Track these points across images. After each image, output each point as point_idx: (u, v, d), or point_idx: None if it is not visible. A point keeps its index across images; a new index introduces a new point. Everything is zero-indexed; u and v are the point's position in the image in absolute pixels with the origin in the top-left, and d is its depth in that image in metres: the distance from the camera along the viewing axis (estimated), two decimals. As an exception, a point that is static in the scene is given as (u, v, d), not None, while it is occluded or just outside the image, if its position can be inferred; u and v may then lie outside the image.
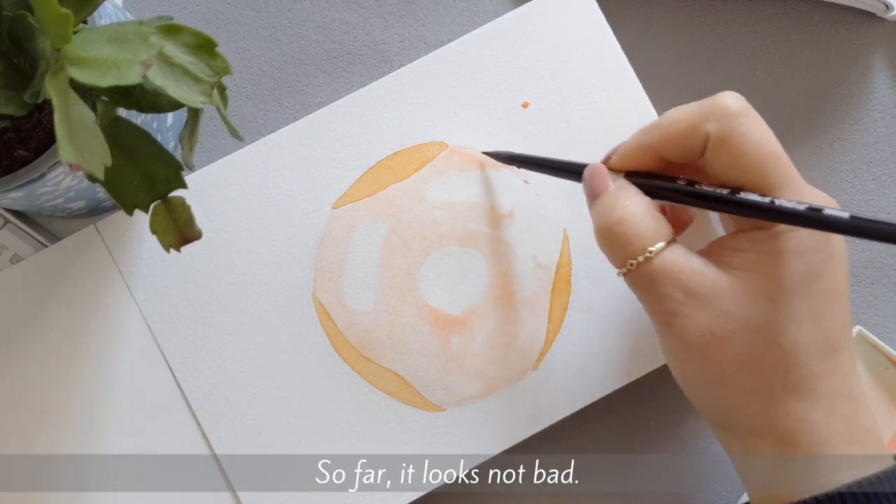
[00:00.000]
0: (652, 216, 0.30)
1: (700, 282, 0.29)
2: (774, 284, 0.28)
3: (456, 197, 0.38)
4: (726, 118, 0.29)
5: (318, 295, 0.38)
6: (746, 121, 0.29)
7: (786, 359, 0.28)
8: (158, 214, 0.30)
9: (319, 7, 0.41)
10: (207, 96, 0.27)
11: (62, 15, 0.24)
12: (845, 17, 0.41)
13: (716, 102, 0.29)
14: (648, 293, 0.30)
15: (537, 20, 0.39)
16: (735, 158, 0.29)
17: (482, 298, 0.37)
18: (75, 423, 0.37)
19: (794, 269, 0.28)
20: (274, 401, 0.37)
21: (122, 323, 0.37)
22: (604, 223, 0.30)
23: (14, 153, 0.31)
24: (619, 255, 0.30)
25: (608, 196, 0.31)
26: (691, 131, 0.30)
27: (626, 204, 0.30)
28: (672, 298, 0.29)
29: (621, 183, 0.31)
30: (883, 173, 0.41)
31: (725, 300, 0.28)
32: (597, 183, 0.31)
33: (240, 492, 0.36)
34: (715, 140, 0.29)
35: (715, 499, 0.38)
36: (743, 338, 0.28)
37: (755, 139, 0.29)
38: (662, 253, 0.29)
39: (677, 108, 0.31)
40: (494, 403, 0.37)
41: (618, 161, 0.32)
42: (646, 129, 0.31)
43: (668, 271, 0.29)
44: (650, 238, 0.29)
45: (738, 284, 0.29)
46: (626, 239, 0.30)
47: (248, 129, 0.41)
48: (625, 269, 0.30)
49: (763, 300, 0.28)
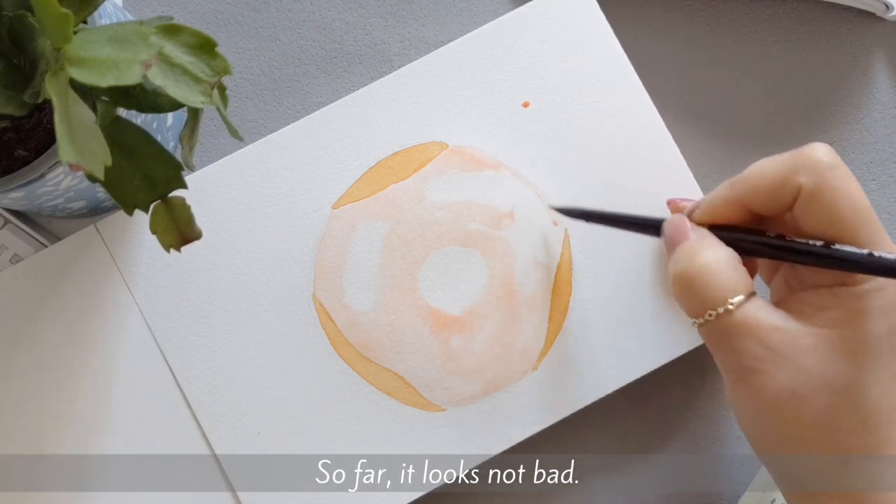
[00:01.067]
0: (734, 267, 0.29)
1: (781, 338, 0.28)
2: (859, 344, 0.28)
3: (456, 197, 0.38)
4: (818, 170, 0.28)
5: (318, 295, 0.38)
6: (839, 173, 0.28)
7: (866, 421, 0.28)
8: (158, 214, 0.30)
9: (319, 7, 0.41)
10: (207, 96, 0.27)
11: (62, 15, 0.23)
12: (845, 17, 0.41)
13: (806, 154, 0.29)
14: (726, 347, 0.29)
15: (537, 20, 0.39)
16: (828, 212, 0.28)
17: (482, 298, 0.37)
18: (75, 423, 0.37)
19: (880, 330, 0.28)
20: (274, 401, 0.37)
21: (122, 323, 0.37)
22: (683, 270, 0.29)
23: (14, 153, 0.31)
24: (698, 304, 0.29)
25: (689, 243, 0.30)
26: (782, 184, 0.29)
27: (708, 253, 0.29)
28: (751, 354, 0.28)
29: (702, 232, 0.30)
30: (883, 173, 0.41)
31: (807, 358, 0.28)
32: (678, 233, 0.30)
33: (240, 492, 0.36)
34: (807, 193, 0.28)
35: (715, 498, 0.38)
36: (823, 398, 0.28)
37: (849, 192, 0.28)
38: (743, 305, 0.28)
39: (765, 160, 0.30)
40: (494, 403, 0.37)
41: (703, 214, 0.31)
42: (732, 181, 0.30)
43: (749, 325, 0.28)
44: (732, 289, 0.28)
45: (821, 342, 0.28)
46: (706, 288, 0.29)
47: (248, 129, 0.41)
48: (702, 319, 0.29)
49: (846, 360, 0.28)
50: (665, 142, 0.38)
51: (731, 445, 0.38)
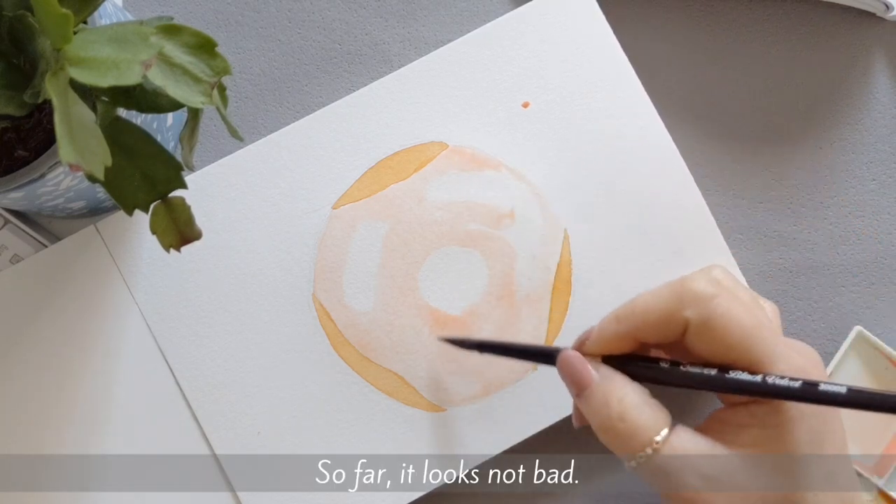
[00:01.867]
0: (648, 404, 0.30)
1: (713, 464, 0.29)
2: (787, 456, 0.28)
3: (456, 197, 0.38)
4: (703, 303, 0.29)
5: (318, 295, 0.38)
6: (723, 301, 0.29)
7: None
8: (158, 214, 0.30)
9: (319, 7, 0.41)
10: (207, 96, 0.27)
11: (62, 15, 0.23)
12: (845, 17, 0.41)
13: (687, 287, 0.29)
14: (662, 483, 0.29)
15: (537, 20, 0.39)
16: (719, 340, 0.29)
17: (482, 298, 0.37)
18: (75, 423, 0.37)
19: (802, 438, 0.28)
20: (274, 401, 0.37)
21: (122, 323, 0.37)
22: (604, 421, 0.30)
23: (14, 153, 0.31)
24: (627, 449, 0.29)
25: (598, 390, 0.30)
26: (668, 319, 0.29)
27: (620, 397, 0.30)
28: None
29: (605, 372, 0.30)
30: (883, 173, 0.41)
31: (741, 479, 0.28)
32: (578, 373, 0.31)
33: (240, 492, 0.36)
34: (695, 326, 0.29)
35: (715, 499, 0.38)
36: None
37: (734, 317, 0.29)
38: (669, 440, 0.29)
39: (648, 293, 0.30)
40: (494, 403, 0.37)
41: (593, 346, 0.31)
42: (620, 315, 0.31)
43: (679, 459, 0.29)
44: (653, 428, 0.29)
45: (751, 461, 0.28)
46: (630, 434, 0.29)
47: (248, 129, 0.41)
48: (635, 462, 0.29)
49: (778, 473, 0.28)
50: (664, 142, 0.38)
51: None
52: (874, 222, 0.40)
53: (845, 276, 0.40)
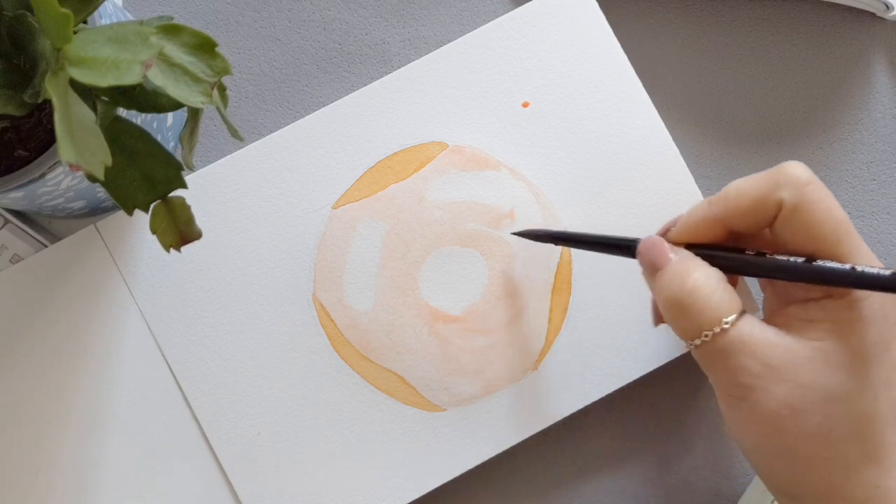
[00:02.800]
0: (723, 287, 0.29)
1: (777, 354, 0.28)
2: (851, 354, 0.28)
3: (456, 197, 0.38)
4: (798, 186, 0.29)
5: (318, 295, 0.38)
6: (817, 188, 0.29)
7: (863, 428, 0.28)
8: (158, 214, 0.30)
9: (319, 7, 0.41)
10: (207, 96, 0.27)
11: (62, 15, 0.23)
12: (845, 17, 0.41)
13: (785, 171, 0.29)
14: (720, 366, 0.29)
15: (537, 20, 0.39)
16: (808, 226, 0.28)
17: (482, 298, 0.37)
18: (75, 423, 0.37)
19: (870, 338, 0.28)
20: (274, 401, 0.37)
21: (122, 323, 0.37)
22: (674, 294, 0.29)
23: (14, 153, 0.31)
24: (692, 326, 0.29)
25: (675, 266, 0.30)
26: (762, 201, 0.29)
27: (697, 275, 0.29)
28: (748, 371, 0.28)
29: (685, 253, 0.30)
30: (883, 173, 0.41)
31: (803, 371, 0.28)
32: (656, 255, 0.30)
33: (240, 492, 0.36)
34: (789, 208, 0.29)
35: (715, 498, 0.38)
36: (821, 409, 0.28)
37: (827, 206, 0.28)
38: (737, 324, 0.29)
39: (742, 179, 0.30)
40: (494, 403, 0.37)
41: (680, 234, 0.31)
42: (711, 200, 0.30)
43: (744, 343, 0.28)
44: (725, 309, 0.29)
45: (815, 355, 0.28)
46: (700, 310, 0.29)
47: (248, 129, 0.41)
48: (699, 340, 0.29)
49: (841, 370, 0.28)
50: (664, 142, 0.38)
51: (731, 445, 0.38)
52: (874, 222, 0.40)
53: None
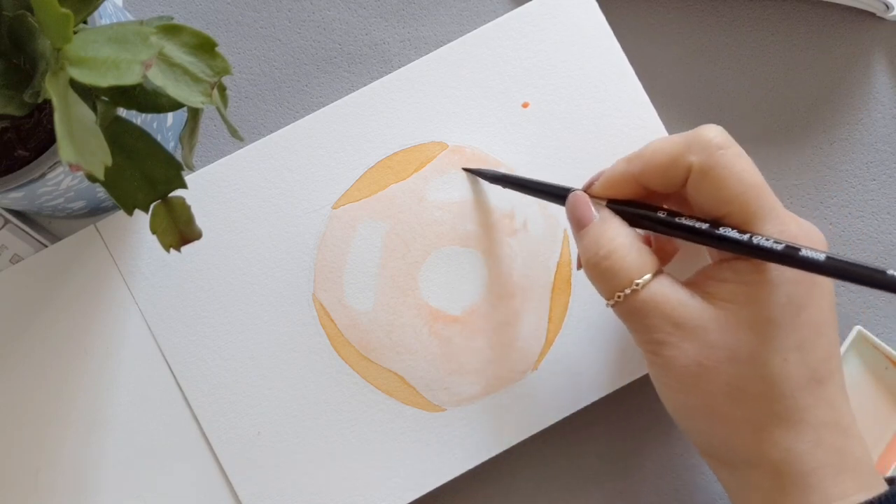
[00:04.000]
0: (637, 249, 0.30)
1: (686, 313, 0.29)
2: (759, 315, 0.29)
3: (456, 197, 0.38)
4: (708, 150, 0.29)
5: (318, 295, 0.38)
6: (728, 153, 0.29)
7: (771, 389, 0.29)
8: (158, 214, 0.30)
9: (319, 7, 0.41)
10: (207, 96, 0.27)
11: (62, 15, 0.23)
12: (845, 17, 0.41)
13: (698, 134, 0.30)
14: (636, 324, 0.30)
15: (537, 20, 0.39)
16: (716, 190, 0.29)
17: (482, 298, 0.37)
18: (75, 423, 0.37)
19: (778, 300, 0.29)
20: (274, 401, 0.37)
21: (122, 323, 0.37)
22: (591, 258, 0.31)
23: (14, 153, 0.31)
24: (608, 287, 0.31)
25: (593, 228, 0.31)
26: (674, 162, 0.30)
27: (612, 237, 0.31)
28: (659, 329, 0.30)
29: (605, 214, 0.31)
30: (883, 173, 0.41)
31: (711, 331, 0.29)
32: (581, 212, 0.32)
33: (240, 492, 0.36)
34: (697, 171, 0.29)
35: (716, 497, 0.38)
36: (729, 368, 0.29)
37: (737, 171, 0.29)
38: (649, 285, 0.30)
39: (660, 138, 0.31)
40: (494, 403, 0.37)
41: (600, 188, 0.32)
42: (628, 157, 0.32)
43: (655, 303, 0.30)
44: (636, 270, 0.30)
45: (723, 315, 0.29)
46: (613, 272, 0.30)
47: (248, 129, 0.41)
48: (613, 300, 0.30)
49: (748, 331, 0.29)
50: (665, 142, 0.38)
51: (731, 445, 0.38)
52: (874, 222, 0.40)
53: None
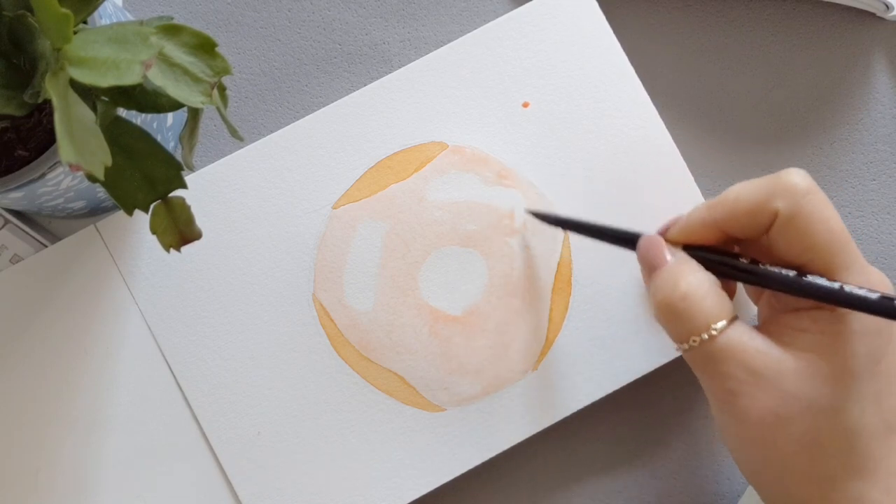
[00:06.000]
0: (716, 293, 0.29)
1: (764, 362, 0.28)
2: (839, 366, 0.28)
3: (456, 197, 0.38)
4: (795, 196, 0.28)
5: (318, 295, 0.38)
6: (815, 199, 0.29)
7: (848, 441, 0.28)
8: (158, 214, 0.30)
9: (319, 7, 0.41)
10: (207, 96, 0.27)
11: (62, 15, 0.23)
12: (845, 17, 0.41)
13: (783, 179, 0.29)
14: (710, 371, 0.29)
15: (537, 20, 0.39)
16: (802, 237, 0.28)
17: (482, 298, 0.37)
18: (75, 423, 0.37)
19: (859, 352, 0.28)
20: (274, 401, 0.37)
21: (122, 323, 0.37)
22: (667, 297, 0.29)
23: (14, 153, 0.31)
24: (683, 331, 0.29)
25: (670, 269, 0.30)
26: (759, 209, 0.29)
27: (690, 280, 0.29)
28: (735, 378, 0.28)
29: (682, 256, 0.30)
30: (883, 173, 0.41)
31: (789, 381, 0.28)
32: (654, 255, 0.31)
33: (240, 492, 0.36)
34: (783, 219, 0.29)
35: (715, 498, 0.38)
36: (806, 419, 0.28)
37: (824, 218, 0.28)
38: (726, 331, 0.29)
39: (741, 184, 0.30)
40: (494, 403, 0.37)
41: (679, 233, 0.31)
42: (710, 204, 0.31)
43: (732, 350, 0.29)
44: (715, 315, 0.29)
45: (802, 365, 0.28)
46: (690, 315, 0.29)
47: (248, 129, 0.41)
48: (687, 345, 0.29)
49: (827, 382, 0.28)
50: (664, 142, 0.38)
51: (731, 445, 0.38)
52: (874, 222, 0.40)
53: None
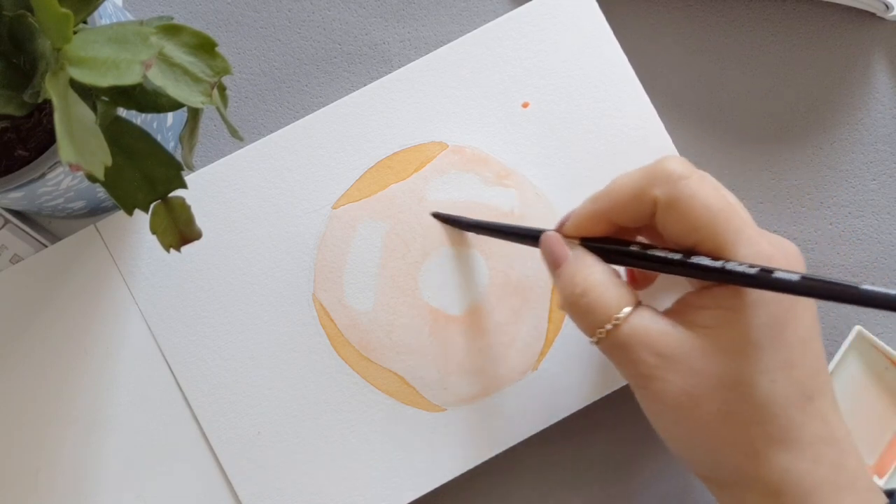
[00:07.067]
0: (614, 284, 0.30)
1: (669, 343, 0.29)
2: (741, 339, 0.28)
3: (456, 197, 0.38)
4: (671, 181, 0.29)
5: (318, 295, 0.38)
6: (691, 182, 0.29)
7: (763, 411, 0.28)
8: (158, 214, 0.30)
9: (319, 7, 0.41)
10: (207, 96, 0.27)
11: (62, 15, 0.23)
12: (845, 17, 0.41)
13: (659, 167, 0.30)
14: (621, 359, 0.30)
15: (537, 20, 0.39)
16: (684, 220, 0.29)
17: (482, 298, 0.37)
18: (75, 423, 0.37)
19: (759, 322, 0.28)
20: (274, 401, 0.37)
21: (122, 323, 0.37)
22: (568, 296, 0.31)
23: (14, 153, 0.31)
24: (588, 324, 0.30)
25: (567, 267, 0.31)
26: (638, 197, 0.30)
27: (586, 274, 0.30)
28: (644, 362, 0.29)
29: (578, 252, 0.31)
30: (883, 173, 0.41)
31: (696, 359, 0.29)
32: (556, 252, 0.32)
33: (240, 492, 0.36)
34: (662, 204, 0.29)
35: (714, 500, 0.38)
36: (718, 395, 0.29)
37: (702, 198, 0.29)
38: (629, 319, 0.30)
39: (622, 174, 0.31)
40: (494, 403, 0.37)
41: (571, 228, 0.32)
42: (594, 196, 0.32)
43: (637, 336, 0.29)
44: (615, 306, 0.30)
45: (707, 342, 0.29)
46: (591, 309, 0.30)
47: (248, 129, 0.41)
48: (595, 338, 0.30)
49: (732, 355, 0.28)
50: (663, 142, 0.38)
51: (731, 445, 0.38)
52: (874, 222, 0.40)
53: (845, 276, 0.40)
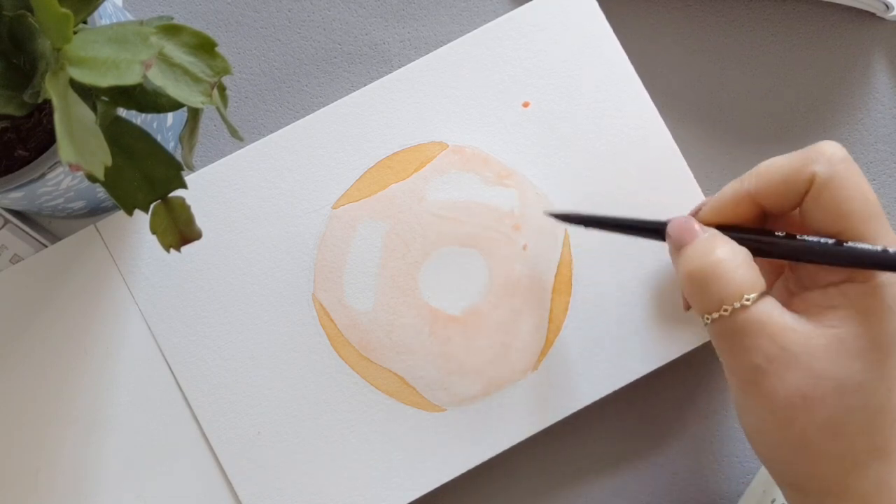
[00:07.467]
0: (749, 264, 0.28)
1: (794, 338, 0.27)
2: (870, 342, 0.27)
3: (456, 197, 0.38)
4: (832, 161, 0.28)
5: (318, 295, 0.38)
6: (851, 166, 0.28)
7: (874, 421, 0.27)
8: (158, 214, 0.30)
9: (319, 7, 0.41)
10: (207, 96, 0.27)
11: (62, 15, 0.23)
12: (845, 17, 0.41)
13: (818, 147, 0.28)
14: (737, 345, 0.28)
15: (537, 20, 0.39)
16: (839, 203, 0.28)
17: (482, 298, 0.37)
18: (75, 423, 0.37)
19: (891, 327, 0.27)
20: (274, 401, 0.37)
21: (122, 323, 0.37)
22: (697, 266, 0.28)
23: (14, 153, 0.31)
24: (713, 299, 0.28)
25: (702, 240, 0.29)
26: (795, 175, 0.28)
27: (723, 249, 0.28)
28: (763, 352, 0.27)
29: (712, 231, 0.30)
30: (883, 173, 0.41)
31: (818, 360, 0.27)
32: (685, 231, 0.30)
33: (240, 492, 0.36)
34: (820, 183, 0.28)
35: (715, 498, 0.38)
36: (832, 401, 0.27)
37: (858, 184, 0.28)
38: (758, 303, 0.27)
39: (774, 157, 0.29)
40: (494, 403, 0.37)
41: (710, 213, 0.30)
42: (741, 178, 0.30)
43: (763, 323, 0.27)
44: (748, 286, 0.28)
45: (832, 343, 0.27)
46: (724, 282, 0.28)
47: (248, 129, 0.41)
48: (716, 314, 0.28)
49: (857, 359, 0.27)
50: (665, 142, 0.38)
51: (730, 445, 0.38)
52: (874, 222, 0.40)
53: (845, 276, 0.40)
